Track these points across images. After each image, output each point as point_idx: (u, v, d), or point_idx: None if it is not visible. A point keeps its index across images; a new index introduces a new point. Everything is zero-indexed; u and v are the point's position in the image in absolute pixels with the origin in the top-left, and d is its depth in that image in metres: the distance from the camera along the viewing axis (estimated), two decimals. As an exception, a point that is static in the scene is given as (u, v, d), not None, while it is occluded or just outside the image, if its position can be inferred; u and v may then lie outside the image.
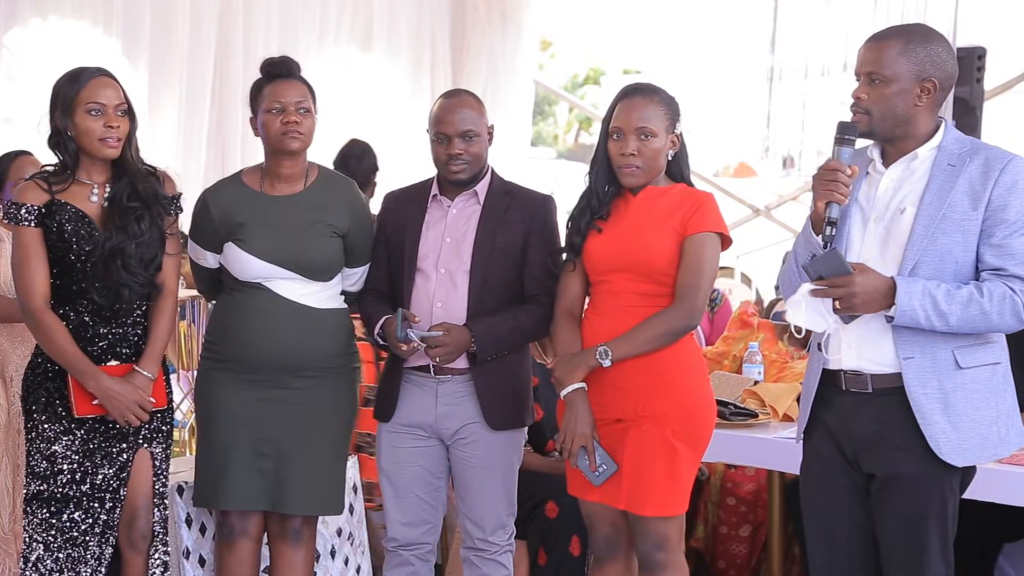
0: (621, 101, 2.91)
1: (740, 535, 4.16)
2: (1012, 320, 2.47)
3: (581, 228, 2.94)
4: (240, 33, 6.15)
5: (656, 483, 2.82)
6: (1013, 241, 2.47)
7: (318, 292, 3.08)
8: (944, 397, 2.50)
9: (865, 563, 2.61)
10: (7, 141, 4.83)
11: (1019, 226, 2.47)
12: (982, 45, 4.65)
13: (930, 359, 2.50)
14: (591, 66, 19.16)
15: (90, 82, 2.90)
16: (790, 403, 3.73)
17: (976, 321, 2.46)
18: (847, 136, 2.54)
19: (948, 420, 2.50)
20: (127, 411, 2.90)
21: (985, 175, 2.49)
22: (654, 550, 2.88)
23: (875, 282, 2.47)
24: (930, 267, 2.49)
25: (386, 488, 3.15)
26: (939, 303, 2.45)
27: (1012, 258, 2.46)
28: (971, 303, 2.45)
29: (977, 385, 2.53)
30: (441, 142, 3.05)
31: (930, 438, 2.50)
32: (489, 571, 3.13)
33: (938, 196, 2.50)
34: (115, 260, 2.89)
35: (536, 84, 8.10)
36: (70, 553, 2.94)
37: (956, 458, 2.50)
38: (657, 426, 2.82)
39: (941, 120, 2.59)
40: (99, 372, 2.90)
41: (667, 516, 2.86)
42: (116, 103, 2.91)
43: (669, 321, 2.82)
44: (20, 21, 5.48)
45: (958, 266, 2.50)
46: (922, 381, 2.50)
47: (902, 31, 2.55)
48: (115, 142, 2.90)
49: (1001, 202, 2.46)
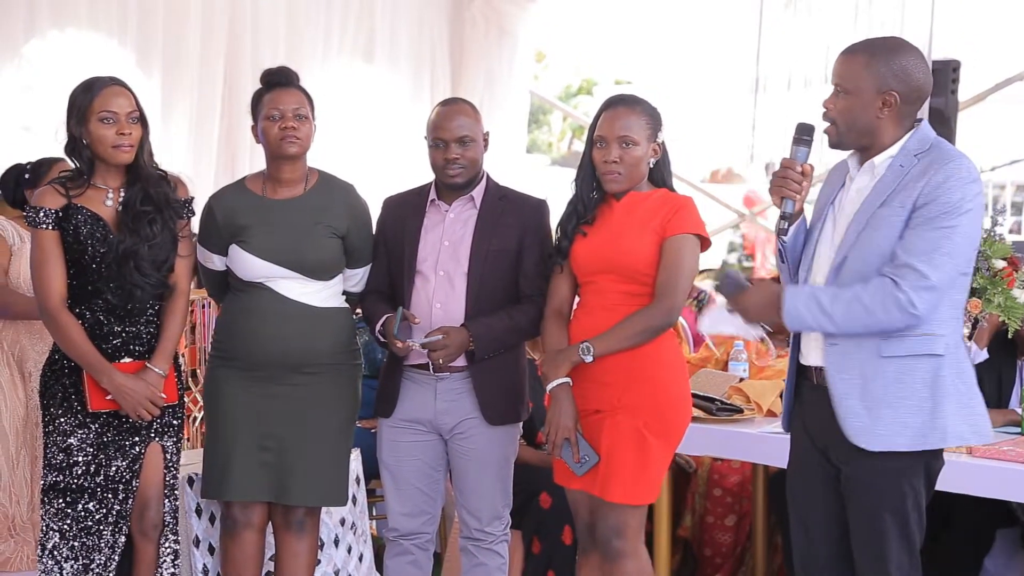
0: (605, 111, 2.96)
1: (726, 524, 4.20)
2: (899, 314, 2.42)
3: (568, 232, 3.00)
4: (248, 46, 6.15)
5: (624, 470, 2.86)
6: (917, 232, 2.43)
7: (319, 291, 3.12)
8: (864, 382, 2.49)
9: (841, 553, 2.63)
10: (25, 149, 4.85)
11: (931, 221, 2.42)
12: (956, 58, 4.72)
13: (854, 344, 2.50)
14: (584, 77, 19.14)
15: (103, 91, 2.94)
16: (773, 399, 3.78)
17: (861, 319, 2.44)
18: (804, 136, 2.60)
19: (864, 406, 2.48)
20: (138, 406, 2.94)
21: (924, 172, 2.47)
22: (612, 536, 2.91)
23: (765, 294, 2.55)
24: (857, 261, 2.49)
25: (387, 480, 3.20)
26: (823, 305, 2.46)
27: (908, 248, 2.42)
28: (853, 302, 2.44)
29: (904, 374, 2.48)
30: (438, 147, 3.10)
31: (841, 421, 2.50)
32: (486, 560, 3.18)
33: (877, 194, 2.51)
34: (128, 262, 2.93)
35: (531, 94, 8.03)
36: (84, 541, 2.98)
37: (867, 442, 2.48)
38: (630, 417, 2.87)
39: (916, 125, 2.57)
40: (112, 369, 2.93)
41: (632, 504, 2.89)
42: (128, 111, 2.94)
43: (648, 319, 2.87)
44: (38, 33, 5.48)
45: (883, 261, 2.47)
46: (841, 366, 2.51)
47: (870, 45, 2.57)
48: (128, 148, 2.93)
49: (928, 198, 2.43)
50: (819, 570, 2.68)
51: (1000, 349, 3.83)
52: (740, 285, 2.61)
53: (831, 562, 2.66)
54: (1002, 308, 3.49)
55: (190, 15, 5.93)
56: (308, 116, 3.10)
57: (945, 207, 2.43)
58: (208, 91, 6.03)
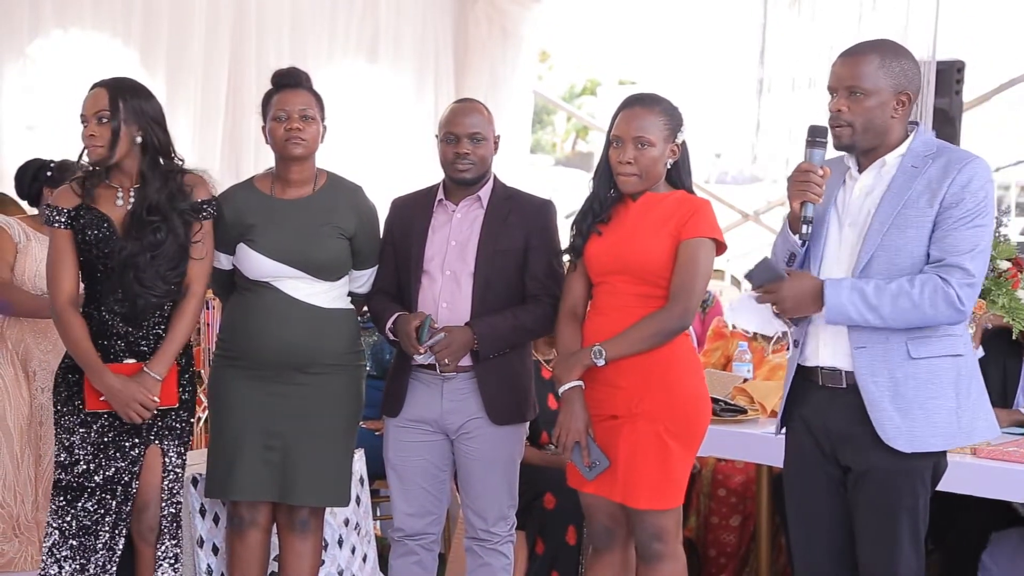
0: (623, 111, 2.93)
1: (730, 525, 4.19)
2: (948, 310, 2.47)
3: (583, 231, 2.97)
4: (253, 46, 6.17)
5: (649, 477, 2.84)
6: (956, 233, 2.48)
7: (325, 292, 3.13)
8: (894, 386, 2.52)
9: (843, 553, 2.64)
10: (29, 148, 4.85)
11: (965, 220, 2.49)
12: (961, 59, 4.71)
13: (882, 348, 2.53)
14: (588, 77, 19.19)
15: (86, 96, 2.94)
16: (777, 399, 3.65)
17: (908, 313, 2.47)
18: (818, 139, 2.60)
19: (896, 408, 2.51)
20: (128, 408, 2.93)
21: (944, 173, 2.51)
22: (652, 541, 2.90)
23: (804, 285, 2.54)
24: (884, 262, 2.52)
25: (393, 480, 3.19)
26: (868, 297, 2.48)
27: (952, 249, 2.48)
28: (900, 296, 2.47)
29: (933, 375, 2.53)
30: (450, 142, 3.11)
31: (877, 424, 2.52)
32: (491, 560, 3.17)
33: (896, 195, 2.54)
34: (128, 272, 2.93)
35: (535, 94, 8.04)
36: (82, 541, 2.97)
37: (904, 444, 2.51)
38: (650, 423, 2.84)
39: (913, 127, 2.62)
40: (104, 369, 2.93)
41: (661, 509, 2.88)
42: (95, 111, 2.92)
43: (662, 322, 2.84)
44: (43, 33, 5.49)
45: (913, 261, 2.52)
46: (872, 370, 2.53)
47: (877, 46, 2.59)
48: (94, 147, 2.91)
49: (955, 199, 2.49)
50: (819, 571, 2.69)
51: (1005, 349, 3.82)
52: (778, 274, 2.57)
53: (831, 563, 2.66)
54: (1007, 309, 3.50)
55: (194, 15, 5.95)
56: (315, 117, 3.11)
57: (975, 206, 2.50)
58: (212, 91, 6.04)
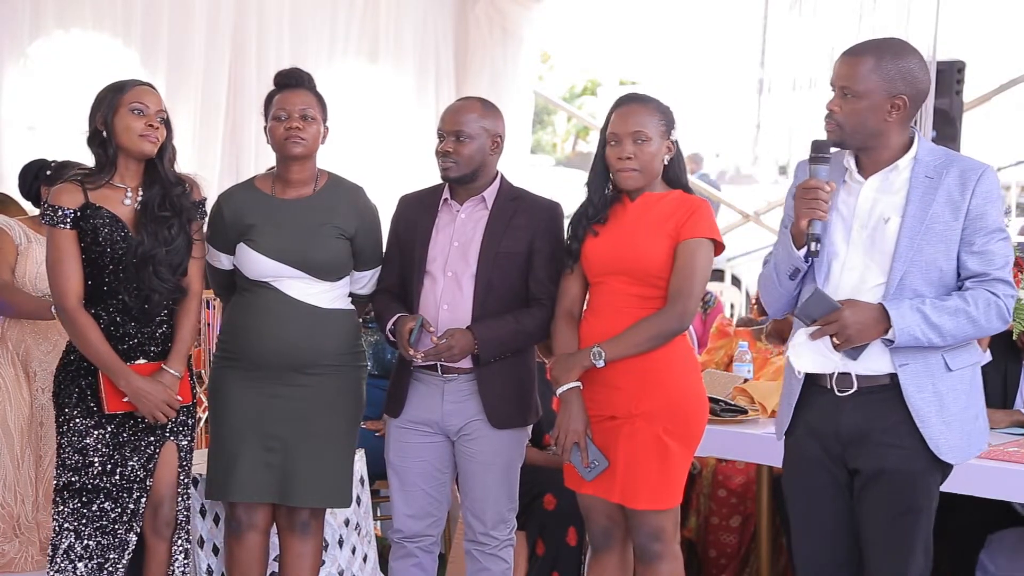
0: (617, 109, 2.93)
1: (730, 526, 4.19)
2: (998, 322, 2.56)
3: (579, 232, 2.97)
4: (253, 46, 6.19)
5: (648, 478, 2.85)
6: (993, 246, 2.55)
7: (326, 292, 3.12)
8: (939, 399, 2.56)
9: (847, 556, 2.65)
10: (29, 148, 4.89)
11: (996, 233, 2.55)
12: (961, 59, 4.71)
13: (923, 363, 2.55)
14: (588, 78, 19.21)
15: (136, 87, 2.99)
16: (778, 400, 3.81)
17: (966, 329, 2.53)
18: (821, 155, 2.59)
19: (943, 421, 2.55)
20: (155, 409, 2.96)
21: (963, 186, 2.55)
22: (650, 541, 2.92)
23: (865, 312, 2.52)
24: (918, 276, 2.55)
25: (393, 481, 3.19)
26: (929, 317, 2.50)
27: (993, 263, 2.54)
28: (958, 312, 2.52)
29: (963, 385, 2.60)
30: (439, 139, 3.11)
31: (930, 440, 2.54)
32: (489, 565, 3.16)
33: (920, 208, 2.55)
34: (147, 266, 2.94)
35: (535, 95, 8.06)
36: (99, 541, 2.98)
37: (955, 457, 2.57)
38: (648, 423, 2.85)
39: (914, 131, 2.62)
40: (130, 372, 2.94)
41: (660, 509, 2.89)
42: (157, 109, 2.98)
43: (660, 323, 2.84)
44: (44, 33, 5.50)
45: (942, 274, 2.56)
46: (919, 385, 2.55)
47: (876, 47, 2.57)
48: (154, 140, 2.95)
49: (979, 211, 2.54)
50: (821, 574, 2.69)
51: (1005, 350, 3.83)
52: (833, 305, 2.54)
53: (836, 564, 2.67)
54: (1007, 310, 3.50)
55: (195, 16, 5.96)
56: (316, 117, 3.11)
57: (998, 218, 2.57)
58: (213, 92, 6.05)
